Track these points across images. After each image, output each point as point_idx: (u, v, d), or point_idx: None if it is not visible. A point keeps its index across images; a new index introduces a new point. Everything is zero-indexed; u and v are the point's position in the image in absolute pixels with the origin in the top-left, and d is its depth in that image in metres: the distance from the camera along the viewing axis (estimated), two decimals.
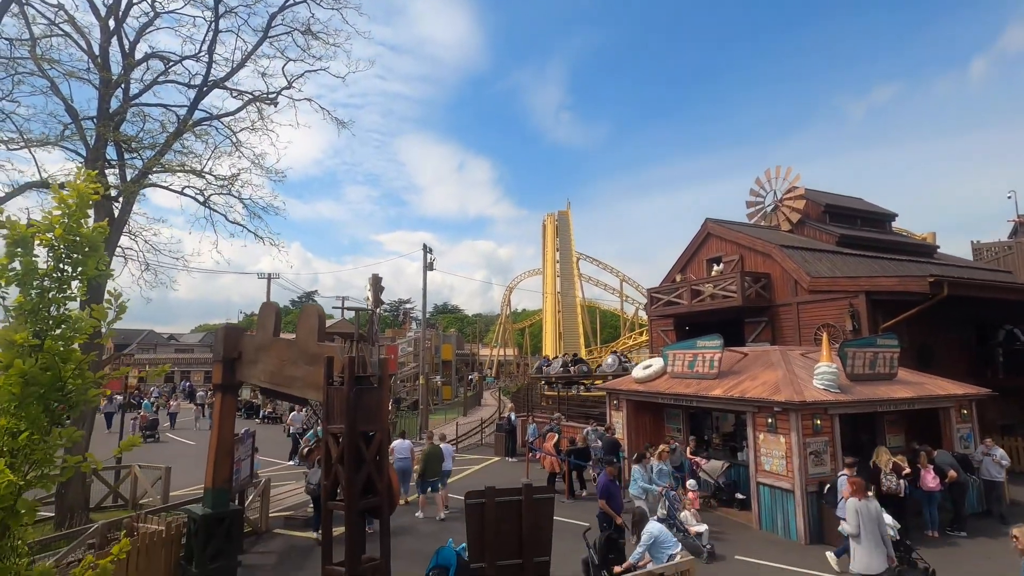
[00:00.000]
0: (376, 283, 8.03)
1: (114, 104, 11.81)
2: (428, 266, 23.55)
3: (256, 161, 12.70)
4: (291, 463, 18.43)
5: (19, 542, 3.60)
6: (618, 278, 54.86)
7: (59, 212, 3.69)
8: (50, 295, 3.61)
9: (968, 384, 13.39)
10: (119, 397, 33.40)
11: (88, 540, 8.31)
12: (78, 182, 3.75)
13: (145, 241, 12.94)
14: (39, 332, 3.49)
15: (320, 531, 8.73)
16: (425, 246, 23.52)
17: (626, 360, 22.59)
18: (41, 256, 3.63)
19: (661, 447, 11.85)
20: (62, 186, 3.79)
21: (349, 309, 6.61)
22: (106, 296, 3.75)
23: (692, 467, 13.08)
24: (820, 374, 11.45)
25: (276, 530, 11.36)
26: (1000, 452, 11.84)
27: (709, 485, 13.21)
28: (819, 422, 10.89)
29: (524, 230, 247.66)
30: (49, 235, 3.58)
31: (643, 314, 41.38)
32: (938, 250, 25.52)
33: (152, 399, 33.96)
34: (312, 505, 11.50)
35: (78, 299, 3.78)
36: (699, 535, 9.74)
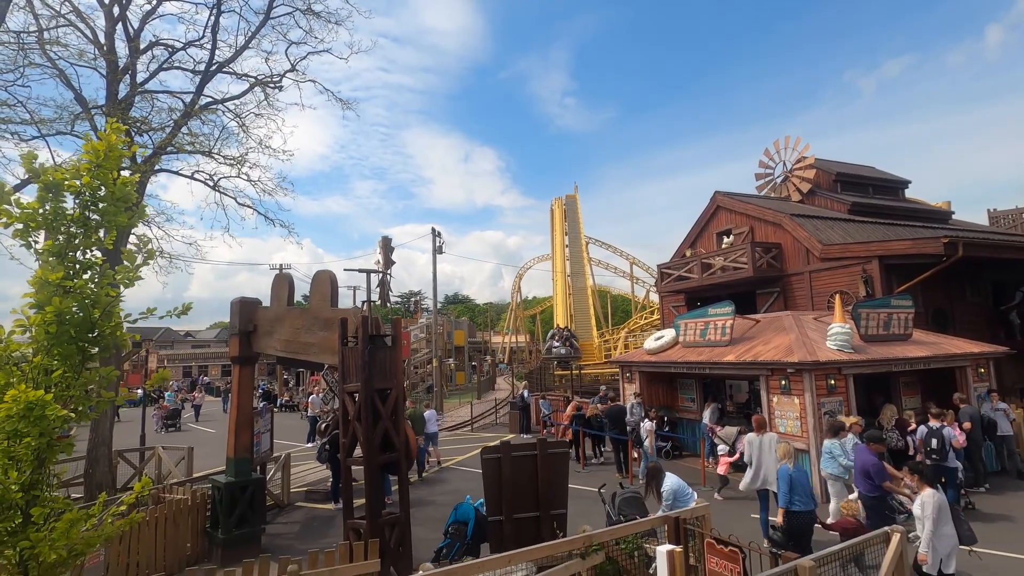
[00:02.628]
0: (386, 245, 8.08)
1: (122, 91, 11.96)
2: (438, 250, 23.66)
3: (263, 142, 12.83)
4: (309, 444, 18.73)
5: (54, 479, 3.76)
6: (628, 261, 54.61)
7: (87, 162, 3.79)
8: (76, 241, 3.72)
9: (985, 344, 13.26)
10: (139, 391, 34.08)
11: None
12: (107, 132, 3.84)
13: (158, 227, 13.16)
14: (68, 275, 3.61)
15: (340, 501, 8.98)
16: (434, 230, 23.62)
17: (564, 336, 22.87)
18: (69, 203, 3.75)
19: (853, 419, 9.99)
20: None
21: (361, 271, 6.72)
22: (132, 240, 3.85)
23: (707, 432, 13.14)
24: (833, 335, 11.40)
25: (298, 503, 11.61)
26: (1003, 405, 11.74)
27: (725, 451, 13.27)
28: (833, 382, 10.86)
29: (532, 219, 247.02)
30: (77, 183, 3.69)
31: (654, 297, 41.26)
32: (953, 216, 25.12)
33: (173, 391, 34.61)
34: (331, 479, 11.74)
35: (101, 246, 3.89)
36: None
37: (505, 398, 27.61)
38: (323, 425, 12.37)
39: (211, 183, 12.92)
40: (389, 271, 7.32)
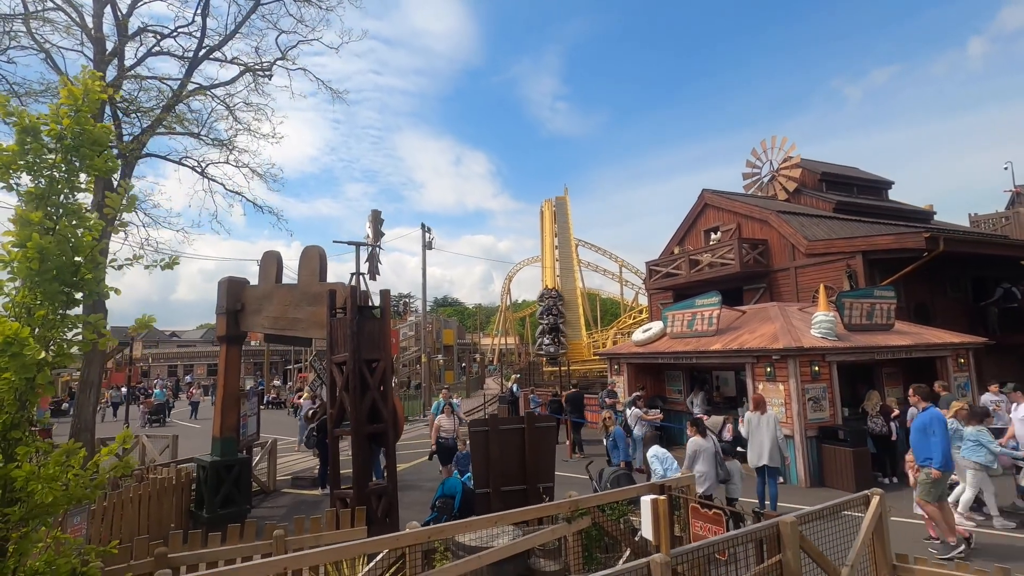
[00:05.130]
0: (375, 218, 8.06)
1: (110, 75, 11.88)
2: (427, 245, 23.67)
3: (251, 127, 12.78)
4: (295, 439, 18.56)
5: (36, 425, 3.72)
6: (617, 263, 54.86)
7: (66, 107, 3.78)
8: (58, 185, 3.70)
9: (965, 335, 13.52)
10: (124, 390, 33.56)
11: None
12: (84, 78, 3.84)
13: (145, 213, 13.05)
14: (50, 215, 3.59)
15: (328, 486, 8.92)
16: (423, 225, 23.66)
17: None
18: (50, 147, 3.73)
19: (958, 405, 8.89)
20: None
21: (350, 244, 6.72)
22: (114, 184, 3.85)
23: None
24: (818, 323, 11.57)
25: (284, 490, 11.54)
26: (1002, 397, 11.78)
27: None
28: (817, 368, 11.01)
29: (523, 223, 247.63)
30: (58, 126, 3.67)
31: (643, 299, 41.50)
32: (935, 217, 25.59)
33: (162, 388, 34.21)
34: (319, 466, 11.68)
35: (86, 192, 3.89)
36: None
37: (494, 396, 27.60)
38: (310, 411, 12.31)
39: (199, 169, 12.84)
40: (379, 244, 7.29)
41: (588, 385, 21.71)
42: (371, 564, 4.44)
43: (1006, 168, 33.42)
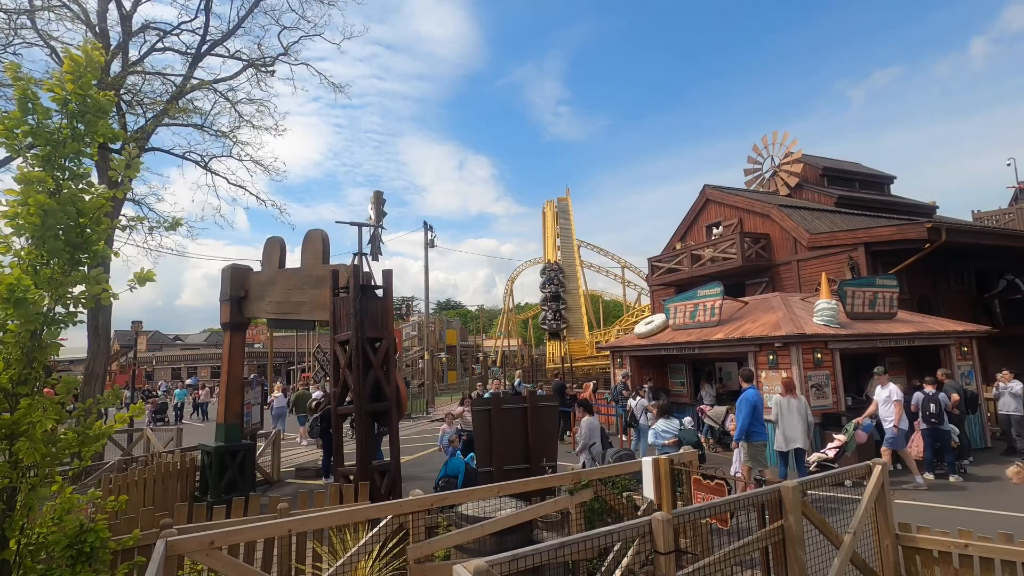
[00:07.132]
0: (378, 199, 8.09)
1: (115, 69, 11.99)
2: (430, 243, 23.74)
3: (255, 123, 12.89)
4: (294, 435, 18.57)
5: (40, 383, 3.77)
6: (619, 263, 54.87)
7: (70, 74, 3.84)
8: (64, 148, 3.76)
9: (968, 323, 13.49)
10: (127, 392, 33.69)
11: (107, 474, 8.50)
12: (85, 46, 3.90)
13: (150, 208, 13.14)
14: (56, 178, 3.64)
15: (332, 476, 8.95)
16: (426, 223, 23.78)
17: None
18: (54, 116, 3.78)
19: None
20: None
21: (352, 224, 6.76)
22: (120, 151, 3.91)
23: (697, 413, 13.26)
24: (820, 311, 11.57)
25: (287, 480, 11.56)
26: (1018, 384, 11.58)
27: (714, 431, 13.37)
28: (820, 356, 11.00)
29: (526, 227, 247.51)
30: (63, 91, 3.73)
31: (646, 300, 41.53)
32: (937, 212, 25.55)
33: (162, 391, 34.28)
34: (322, 458, 11.70)
35: (91, 158, 3.94)
36: None
37: None
38: (313, 402, 12.35)
39: (203, 163, 12.94)
40: (381, 224, 7.25)
41: (595, 385, 21.74)
42: (375, 531, 4.46)
43: (1009, 164, 33.34)
